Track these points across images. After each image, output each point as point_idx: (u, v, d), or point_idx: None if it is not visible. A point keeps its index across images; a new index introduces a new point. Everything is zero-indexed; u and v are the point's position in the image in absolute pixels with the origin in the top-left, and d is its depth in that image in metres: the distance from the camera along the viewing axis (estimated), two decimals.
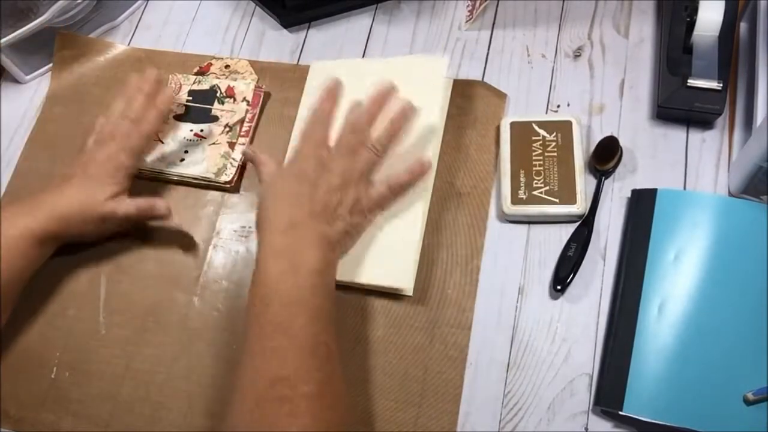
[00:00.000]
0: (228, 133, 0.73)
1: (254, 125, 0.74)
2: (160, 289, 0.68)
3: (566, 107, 0.71)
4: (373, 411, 0.60)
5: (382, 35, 0.78)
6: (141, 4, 0.85)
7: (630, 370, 0.58)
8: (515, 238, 0.66)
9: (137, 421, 0.63)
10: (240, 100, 0.75)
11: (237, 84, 0.76)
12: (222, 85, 0.76)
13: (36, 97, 0.81)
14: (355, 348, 0.63)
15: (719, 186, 0.65)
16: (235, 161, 0.72)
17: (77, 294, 0.69)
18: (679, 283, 0.60)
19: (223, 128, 0.74)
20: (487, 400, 0.60)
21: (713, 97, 0.64)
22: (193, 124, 0.75)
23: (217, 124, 0.74)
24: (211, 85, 0.76)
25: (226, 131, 0.73)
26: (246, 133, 0.73)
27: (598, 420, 0.58)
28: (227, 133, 0.73)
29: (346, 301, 0.65)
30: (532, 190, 0.65)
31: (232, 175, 0.71)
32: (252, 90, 0.75)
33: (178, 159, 0.73)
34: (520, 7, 0.77)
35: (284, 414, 0.49)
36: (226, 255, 0.69)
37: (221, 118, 0.74)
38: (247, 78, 0.77)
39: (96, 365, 0.65)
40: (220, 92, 0.76)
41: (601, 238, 0.64)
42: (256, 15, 0.82)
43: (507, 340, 0.62)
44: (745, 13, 0.70)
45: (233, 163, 0.72)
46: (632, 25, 0.74)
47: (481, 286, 0.64)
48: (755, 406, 0.55)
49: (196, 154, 0.73)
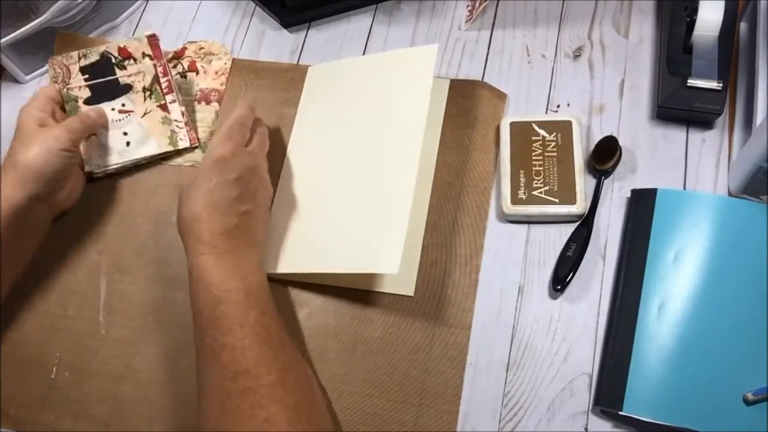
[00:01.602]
0: (151, 97, 0.70)
1: (171, 76, 0.71)
2: (160, 289, 0.68)
3: (566, 107, 0.71)
4: (373, 411, 0.60)
5: (382, 35, 0.78)
6: (141, 4, 0.85)
7: (630, 370, 0.58)
8: (515, 238, 0.66)
9: (137, 421, 0.63)
10: (140, 57, 0.71)
11: (129, 42, 0.72)
12: (112, 49, 0.71)
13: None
14: (355, 348, 0.63)
15: (719, 186, 0.65)
16: (179, 121, 0.70)
17: (77, 294, 0.69)
18: (678, 283, 0.60)
19: (143, 94, 0.70)
20: (487, 400, 0.60)
21: (713, 97, 0.64)
22: (110, 102, 0.71)
23: (134, 92, 0.71)
24: (101, 53, 0.71)
25: (148, 96, 0.70)
26: (168, 89, 0.70)
27: (598, 420, 0.58)
28: (150, 98, 0.70)
29: (346, 301, 0.65)
30: (531, 190, 0.65)
31: (186, 136, 0.69)
32: (146, 43, 0.71)
33: (123, 144, 0.70)
34: (520, 7, 0.77)
35: (249, 406, 0.52)
36: None
37: (134, 84, 0.71)
38: (223, 58, 0.75)
39: (96, 365, 0.65)
40: (114, 57, 0.72)
41: (601, 238, 0.64)
42: (256, 15, 0.82)
43: (507, 340, 0.62)
44: (745, 13, 0.70)
45: (179, 124, 0.69)
46: (632, 25, 0.74)
47: (481, 286, 0.64)
48: (755, 406, 0.55)
49: (135, 133, 0.70)
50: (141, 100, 0.71)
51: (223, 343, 0.55)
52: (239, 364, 0.54)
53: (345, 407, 0.61)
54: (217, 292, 0.57)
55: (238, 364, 0.54)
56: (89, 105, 0.71)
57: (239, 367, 0.54)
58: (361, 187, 0.65)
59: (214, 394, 0.54)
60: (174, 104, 0.70)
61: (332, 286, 0.65)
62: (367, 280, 0.65)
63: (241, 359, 0.54)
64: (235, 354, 0.54)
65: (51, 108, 0.69)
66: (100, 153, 0.70)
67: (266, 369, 0.54)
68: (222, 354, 0.54)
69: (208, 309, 0.56)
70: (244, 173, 0.62)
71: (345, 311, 0.64)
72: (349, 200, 0.64)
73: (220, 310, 0.56)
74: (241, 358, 0.54)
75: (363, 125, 0.68)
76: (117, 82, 0.71)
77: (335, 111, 0.71)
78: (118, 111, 0.71)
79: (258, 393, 0.53)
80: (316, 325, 0.64)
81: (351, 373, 0.62)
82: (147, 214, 0.71)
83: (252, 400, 0.52)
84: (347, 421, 0.60)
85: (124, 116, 0.71)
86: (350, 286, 0.65)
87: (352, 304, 0.64)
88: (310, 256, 0.64)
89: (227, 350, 0.54)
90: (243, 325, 0.55)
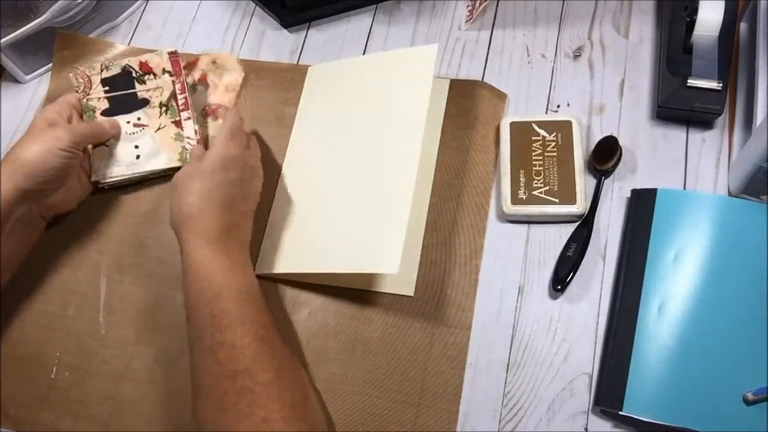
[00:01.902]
0: (166, 112, 0.71)
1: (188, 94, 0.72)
2: (160, 289, 0.68)
3: (566, 107, 0.71)
4: (373, 411, 0.60)
5: (382, 35, 0.78)
6: (141, 4, 0.85)
7: (630, 370, 0.58)
8: (515, 237, 0.66)
9: (137, 421, 0.63)
10: (160, 73, 0.72)
11: (150, 57, 0.72)
12: (134, 63, 0.72)
13: (36, 97, 0.81)
14: (354, 348, 0.63)
15: (719, 186, 0.65)
16: (191, 138, 0.70)
17: (77, 294, 0.69)
18: (678, 283, 0.60)
19: (159, 110, 0.71)
20: (487, 400, 0.60)
21: (713, 97, 0.64)
22: (126, 115, 0.71)
23: (150, 107, 0.71)
24: (122, 66, 0.72)
25: (164, 111, 0.71)
26: (184, 106, 0.71)
27: (598, 420, 0.58)
28: (166, 113, 0.71)
29: (346, 301, 0.65)
30: (531, 190, 0.65)
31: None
32: (167, 59, 0.72)
33: (133, 157, 0.71)
34: (520, 7, 0.77)
35: (246, 405, 0.52)
36: None
37: (152, 99, 0.72)
38: (234, 73, 0.75)
39: (96, 365, 0.65)
40: (135, 71, 0.72)
41: (601, 238, 0.64)
42: (256, 15, 0.82)
43: (507, 339, 0.62)
44: (745, 13, 0.70)
45: (190, 141, 0.70)
46: (632, 25, 0.74)
47: (481, 285, 0.64)
48: (755, 406, 0.55)
49: (147, 146, 0.70)
50: (156, 115, 0.71)
51: (221, 341, 0.54)
52: (238, 363, 0.54)
53: (345, 407, 0.61)
54: (216, 288, 0.56)
55: (237, 363, 0.54)
56: (106, 116, 0.71)
57: (238, 366, 0.54)
58: (361, 186, 0.64)
59: (211, 392, 0.54)
60: (188, 121, 0.71)
61: (332, 286, 0.65)
62: (367, 280, 0.65)
63: (240, 357, 0.54)
64: (234, 352, 0.54)
65: (69, 113, 0.69)
66: (108, 163, 0.71)
67: (264, 367, 0.54)
68: (219, 351, 0.54)
69: (207, 305, 0.56)
70: (246, 174, 0.62)
71: (345, 311, 0.64)
72: (349, 200, 0.64)
73: (220, 307, 0.56)
74: (239, 356, 0.54)
75: (363, 125, 0.68)
76: (135, 96, 0.72)
77: (335, 111, 0.71)
78: (133, 124, 0.71)
79: (255, 392, 0.53)
80: (316, 325, 0.64)
81: (351, 373, 0.62)
82: (147, 214, 0.71)
83: (249, 399, 0.52)
84: (347, 421, 0.60)
85: (138, 130, 0.71)
86: (350, 286, 0.65)
87: (352, 304, 0.64)
88: (310, 256, 0.64)
89: (225, 348, 0.54)
90: (243, 322, 0.55)
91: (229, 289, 0.57)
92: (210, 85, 0.75)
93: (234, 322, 0.55)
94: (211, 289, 0.57)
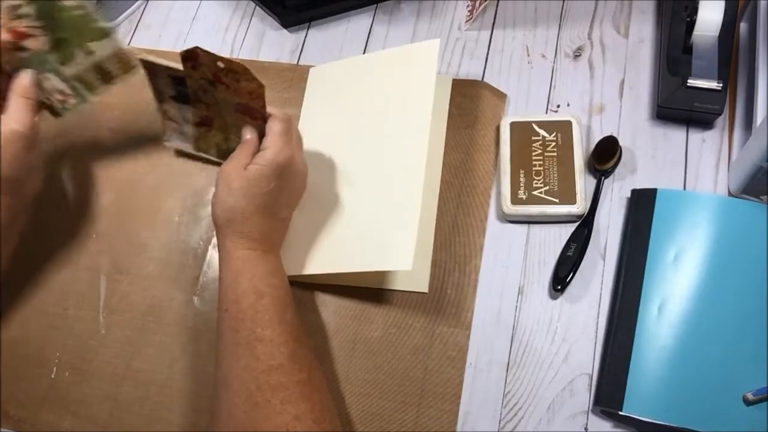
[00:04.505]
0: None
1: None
2: (160, 289, 0.68)
3: (566, 107, 0.71)
4: (373, 411, 0.60)
5: (382, 35, 0.78)
6: (141, 4, 0.85)
7: (630, 370, 0.58)
8: (515, 238, 0.66)
9: (137, 421, 0.63)
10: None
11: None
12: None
13: None
14: (354, 348, 0.63)
15: (719, 186, 0.65)
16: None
17: (77, 294, 0.69)
18: (678, 283, 0.60)
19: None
20: (487, 400, 0.60)
21: (713, 97, 0.64)
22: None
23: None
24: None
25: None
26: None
27: (598, 420, 0.58)
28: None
29: (346, 301, 0.65)
30: (531, 190, 0.65)
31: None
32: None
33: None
34: (520, 7, 0.77)
35: (279, 401, 0.52)
36: None
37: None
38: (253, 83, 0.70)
39: (96, 365, 0.65)
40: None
41: (601, 238, 0.64)
42: (256, 15, 0.82)
43: (507, 340, 0.62)
44: (745, 13, 0.70)
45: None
46: (632, 25, 0.74)
47: (481, 285, 0.64)
48: (755, 406, 0.55)
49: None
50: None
51: (260, 336, 0.55)
52: (274, 359, 0.54)
53: (345, 407, 0.61)
54: (261, 285, 0.57)
55: (273, 359, 0.54)
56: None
57: (274, 362, 0.54)
58: (370, 184, 0.64)
59: (243, 386, 0.54)
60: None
61: (332, 286, 0.65)
62: (380, 278, 0.65)
63: (277, 354, 0.54)
64: (271, 348, 0.55)
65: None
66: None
67: (298, 366, 0.55)
68: (258, 346, 0.55)
69: (248, 301, 0.56)
70: (294, 181, 0.63)
71: (345, 311, 0.64)
72: (359, 198, 0.64)
73: (263, 303, 0.56)
74: (276, 352, 0.54)
75: (369, 122, 0.68)
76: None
77: (340, 110, 0.71)
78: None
79: (289, 389, 0.53)
80: (316, 324, 0.64)
81: (351, 373, 0.62)
82: (147, 214, 0.71)
83: (282, 396, 0.53)
84: (347, 421, 0.60)
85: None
86: (364, 285, 0.64)
87: (353, 304, 0.65)
88: (323, 257, 0.63)
89: (264, 343, 0.55)
90: (282, 321, 0.56)
91: (274, 287, 0.58)
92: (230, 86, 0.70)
93: (274, 319, 0.56)
94: (254, 285, 0.57)
